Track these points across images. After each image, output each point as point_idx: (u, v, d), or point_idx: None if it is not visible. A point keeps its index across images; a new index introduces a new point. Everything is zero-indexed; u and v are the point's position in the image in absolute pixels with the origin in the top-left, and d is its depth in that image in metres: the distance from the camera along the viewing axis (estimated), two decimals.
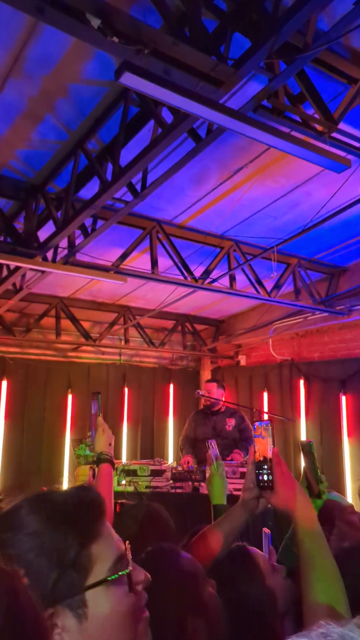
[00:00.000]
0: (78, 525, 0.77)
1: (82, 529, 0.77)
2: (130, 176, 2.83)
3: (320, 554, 1.05)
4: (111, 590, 0.76)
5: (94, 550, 0.76)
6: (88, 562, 0.75)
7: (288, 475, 1.20)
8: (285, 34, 1.88)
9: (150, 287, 5.54)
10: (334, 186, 3.58)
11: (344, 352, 5.85)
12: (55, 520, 0.77)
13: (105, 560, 0.77)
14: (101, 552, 0.77)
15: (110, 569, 0.76)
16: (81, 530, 0.77)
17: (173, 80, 1.97)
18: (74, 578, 0.74)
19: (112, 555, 0.78)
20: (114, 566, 0.77)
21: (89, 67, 2.51)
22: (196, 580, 1.07)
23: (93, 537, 0.77)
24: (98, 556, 0.76)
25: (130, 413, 6.86)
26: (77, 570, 0.74)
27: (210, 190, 3.76)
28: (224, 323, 7.27)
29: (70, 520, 0.78)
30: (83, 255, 4.04)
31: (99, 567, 0.76)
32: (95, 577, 0.75)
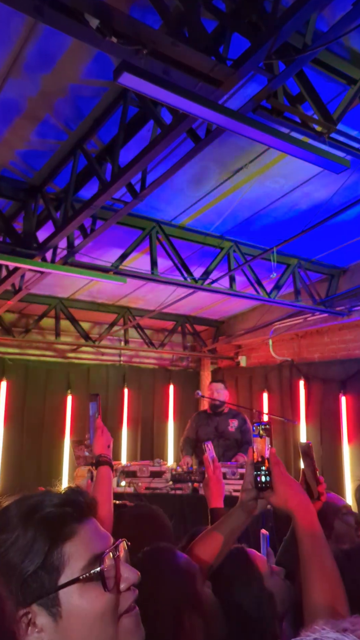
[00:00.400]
0: (51, 525, 0.77)
1: (55, 529, 0.77)
2: (130, 176, 2.83)
3: (320, 554, 1.05)
4: (86, 590, 0.75)
5: (67, 549, 0.76)
6: (59, 561, 0.75)
7: (286, 475, 1.20)
8: (284, 34, 1.87)
9: (150, 287, 5.53)
10: (334, 187, 3.58)
11: (344, 352, 5.85)
12: (29, 520, 0.77)
13: (78, 559, 0.77)
14: (75, 552, 0.77)
15: (84, 568, 0.76)
16: (53, 530, 0.77)
17: (172, 80, 1.97)
18: (44, 577, 0.74)
19: (87, 555, 0.78)
20: (88, 565, 0.77)
21: (88, 67, 2.51)
22: (192, 578, 1.07)
23: (66, 537, 0.77)
24: (71, 555, 0.76)
25: (130, 414, 6.86)
26: (47, 570, 0.75)
27: (210, 190, 3.75)
28: (224, 324, 7.27)
29: (44, 520, 0.78)
30: (82, 256, 4.04)
31: (72, 567, 0.76)
32: (68, 576, 0.75)
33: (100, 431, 1.77)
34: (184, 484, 4.53)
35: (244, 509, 1.29)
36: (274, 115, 2.35)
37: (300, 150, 2.46)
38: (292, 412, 6.18)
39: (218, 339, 7.16)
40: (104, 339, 6.56)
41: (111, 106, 2.81)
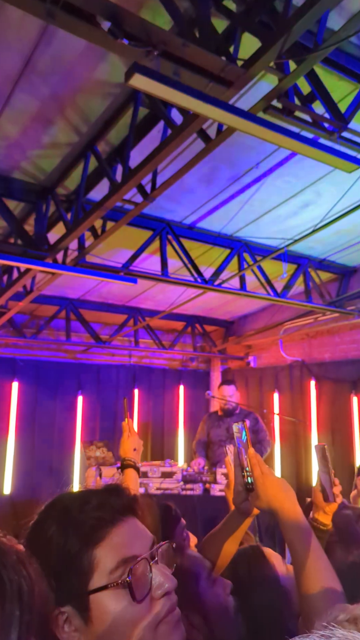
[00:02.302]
0: (83, 528, 0.77)
1: (88, 531, 0.76)
2: (140, 177, 2.84)
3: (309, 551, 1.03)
4: (116, 596, 0.74)
5: (97, 553, 0.75)
6: (89, 565, 0.75)
7: (268, 474, 1.18)
8: (295, 33, 1.87)
9: (160, 288, 5.54)
10: (344, 186, 3.56)
11: (355, 352, 5.81)
12: (64, 520, 0.78)
13: (107, 564, 0.75)
14: (104, 556, 0.75)
15: (112, 574, 0.75)
16: (87, 534, 0.76)
17: (183, 81, 1.97)
18: (75, 580, 0.74)
19: (116, 559, 0.75)
20: (116, 570, 0.75)
21: (99, 69, 2.52)
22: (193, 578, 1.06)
23: (97, 541, 0.76)
24: (100, 560, 0.75)
25: (141, 414, 6.87)
26: (77, 573, 0.74)
27: (220, 191, 3.75)
28: (234, 324, 7.26)
29: (77, 522, 0.77)
30: (93, 257, 4.05)
31: (101, 572, 0.75)
32: (97, 581, 0.74)
33: (126, 434, 1.77)
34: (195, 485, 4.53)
35: (240, 511, 1.29)
36: (285, 115, 2.34)
37: (311, 150, 2.45)
38: (303, 412, 6.16)
39: (228, 339, 7.15)
40: (114, 339, 6.59)
41: (121, 107, 2.82)
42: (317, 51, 2.04)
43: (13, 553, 0.59)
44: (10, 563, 0.57)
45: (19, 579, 0.57)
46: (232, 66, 1.98)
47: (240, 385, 6.95)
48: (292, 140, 2.37)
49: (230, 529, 1.32)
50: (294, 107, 2.37)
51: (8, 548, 0.60)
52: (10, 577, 0.56)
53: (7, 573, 0.56)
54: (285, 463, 6.25)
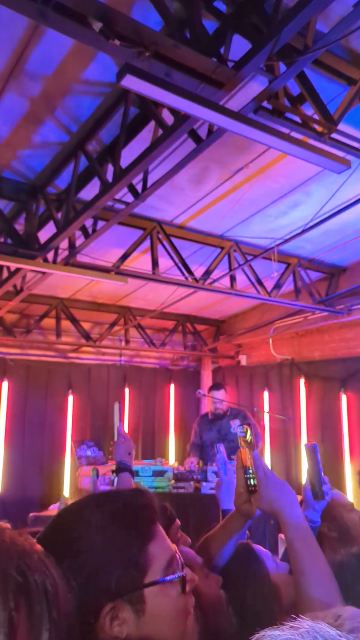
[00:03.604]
0: (139, 525, 0.82)
1: (142, 529, 0.82)
2: (131, 177, 2.84)
3: (309, 552, 1.05)
4: (167, 590, 0.81)
5: (151, 550, 0.81)
6: (146, 560, 0.80)
7: (271, 476, 1.20)
8: (285, 35, 1.88)
9: (151, 287, 5.55)
10: (334, 186, 3.60)
11: (344, 351, 5.86)
12: (120, 518, 0.82)
13: (160, 560, 0.82)
14: (156, 553, 0.82)
15: (165, 569, 0.81)
16: (141, 530, 0.82)
17: (174, 82, 1.98)
18: (134, 575, 0.78)
19: (166, 556, 0.83)
20: (167, 567, 0.82)
21: (89, 68, 2.52)
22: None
23: (150, 538, 0.82)
24: (154, 556, 0.81)
25: (131, 414, 6.87)
26: (137, 568, 0.79)
27: (211, 190, 3.77)
28: (224, 323, 7.29)
29: (133, 519, 0.83)
30: (83, 256, 4.05)
31: (155, 567, 0.81)
32: (151, 576, 0.80)
33: (122, 438, 1.79)
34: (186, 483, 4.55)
35: (240, 512, 1.31)
36: (275, 116, 2.36)
37: (301, 151, 2.47)
38: (293, 410, 6.20)
39: (219, 338, 7.17)
40: (105, 339, 6.58)
41: (112, 107, 2.83)
42: (306, 53, 2.06)
43: (34, 553, 0.60)
44: (33, 564, 0.58)
45: (43, 579, 0.58)
46: (223, 67, 1.99)
47: (230, 383, 6.99)
48: (282, 140, 2.39)
49: (229, 531, 1.33)
50: (284, 109, 2.39)
51: (29, 548, 0.60)
52: (35, 578, 0.57)
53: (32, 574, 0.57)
54: (275, 461, 6.30)
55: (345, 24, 1.93)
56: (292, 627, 0.45)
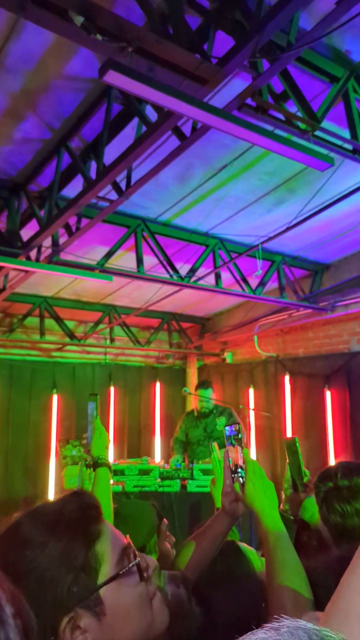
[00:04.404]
0: (80, 529, 0.79)
1: (84, 531, 0.80)
2: (115, 174, 2.82)
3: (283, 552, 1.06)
4: (123, 583, 0.79)
5: (99, 549, 0.79)
6: (95, 562, 0.78)
7: (260, 475, 1.21)
8: (268, 32, 1.88)
9: (136, 285, 5.52)
10: (317, 184, 3.61)
11: (328, 347, 5.92)
12: (58, 528, 0.79)
13: (111, 556, 0.80)
14: (106, 550, 0.80)
15: (117, 564, 0.80)
16: (84, 534, 0.79)
17: (157, 78, 1.96)
18: (85, 580, 0.76)
19: (117, 551, 0.81)
20: (120, 560, 0.80)
21: (71, 64, 2.48)
22: None
23: (96, 537, 0.80)
24: (104, 554, 0.79)
25: (117, 412, 6.84)
26: (87, 572, 0.77)
27: (195, 188, 3.76)
28: (209, 321, 7.29)
29: (72, 525, 0.80)
30: (67, 254, 4.00)
31: (107, 564, 0.79)
32: (104, 574, 0.78)
33: (98, 432, 1.76)
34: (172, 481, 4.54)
35: (227, 512, 1.31)
36: (259, 113, 2.36)
37: (285, 148, 2.48)
38: (278, 406, 6.24)
39: (204, 336, 7.18)
40: (90, 337, 6.53)
41: (95, 103, 2.79)
42: (290, 51, 2.06)
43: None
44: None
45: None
46: (207, 64, 1.98)
47: (216, 381, 7.00)
48: (266, 138, 2.39)
49: (215, 531, 1.32)
50: (268, 106, 2.38)
51: None
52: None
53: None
54: (260, 457, 6.33)
55: (328, 22, 1.94)
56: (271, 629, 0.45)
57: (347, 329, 5.69)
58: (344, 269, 5.36)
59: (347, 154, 2.75)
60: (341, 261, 5.42)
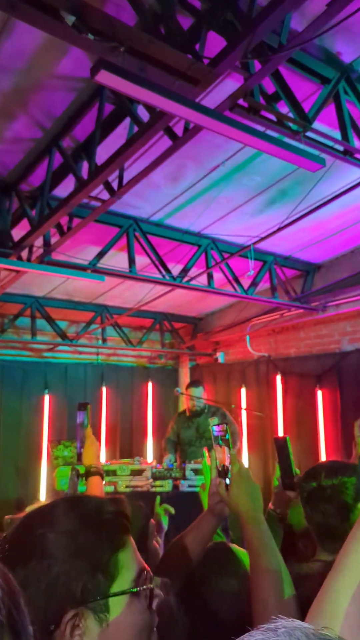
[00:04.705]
0: (111, 532, 0.79)
1: (114, 536, 0.79)
2: (107, 174, 2.81)
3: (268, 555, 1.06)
4: (133, 602, 0.78)
5: (121, 558, 0.78)
6: (115, 569, 0.77)
7: (246, 476, 1.21)
8: (260, 33, 1.89)
9: (128, 285, 5.51)
10: (309, 184, 3.63)
11: (319, 347, 5.95)
12: (91, 523, 0.79)
13: (129, 570, 0.79)
14: (127, 562, 0.79)
15: (133, 581, 0.79)
16: (113, 537, 0.79)
17: (149, 78, 1.96)
18: (101, 582, 0.75)
19: (136, 568, 0.80)
20: (136, 578, 0.79)
21: (63, 63, 2.47)
22: None
23: (121, 546, 0.79)
24: (124, 565, 0.78)
25: (109, 412, 6.83)
26: (105, 575, 0.76)
27: (187, 188, 3.76)
28: (202, 321, 7.30)
29: (104, 526, 0.79)
30: (59, 254, 3.99)
31: (124, 576, 0.78)
32: (119, 585, 0.77)
33: (90, 441, 1.76)
34: (164, 481, 4.54)
35: (213, 513, 1.31)
36: (251, 114, 2.37)
37: (276, 149, 2.49)
38: (269, 406, 6.26)
39: (196, 336, 7.18)
40: (81, 337, 6.51)
41: (87, 103, 2.79)
42: (281, 52, 2.07)
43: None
44: None
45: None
46: (199, 64, 1.98)
47: (208, 381, 7.01)
48: (257, 139, 2.40)
49: (201, 531, 1.32)
50: (260, 106, 2.39)
51: None
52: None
53: None
54: (252, 456, 6.35)
55: (319, 23, 1.95)
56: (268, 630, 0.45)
57: (338, 329, 5.72)
58: (335, 270, 5.39)
59: (338, 154, 2.77)
60: (332, 261, 5.45)
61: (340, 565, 0.59)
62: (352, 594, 0.56)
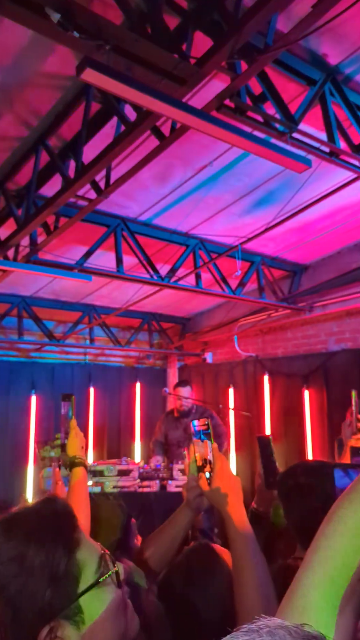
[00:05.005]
0: (60, 537, 0.78)
1: (65, 539, 0.78)
2: (94, 174, 2.80)
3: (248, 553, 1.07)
4: (102, 591, 0.79)
5: (79, 557, 0.78)
6: (76, 570, 0.77)
7: (226, 472, 1.22)
8: (246, 34, 1.89)
9: (116, 285, 5.50)
10: (296, 185, 3.65)
11: (306, 347, 5.99)
12: (37, 537, 0.77)
13: (90, 564, 0.79)
14: (85, 558, 0.79)
15: (96, 571, 0.79)
16: (65, 541, 0.78)
17: (135, 77, 1.96)
18: (67, 589, 0.75)
19: (95, 558, 0.80)
20: (98, 568, 0.80)
21: (49, 61, 2.46)
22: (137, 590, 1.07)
23: (76, 545, 0.79)
24: (84, 562, 0.78)
25: (97, 413, 6.80)
26: (69, 581, 0.76)
27: (175, 188, 3.76)
28: (190, 321, 7.31)
29: (52, 533, 0.78)
30: (46, 254, 3.96)
31: (87, 572, 0.78)
32: (84, 582, 0.77)
33: (74, 432, 1.75)
34: (151, 482, 4.53)
35: (190, 506, 1.32)
36: (237, 114, 2.38)
37: (263, 149, 2.50)
38: (257, 406, 6.29)
39: (184, 336, 7.18)
40: (69, 337, 6.47)
41: (73, 102, 2.77)
42: (267, 52, 2.08)
43: None
44: None
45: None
46: (185, 64, 1.98)
47: (196, 381, 7.02)
48: (244, 139, 2.41)
49: (177, 524, 1.33)
50: (246, 107, 2.40)
51: None
52: None
53: None
54: (240, 456, 6.37)
55: (305, 25, 1.96)
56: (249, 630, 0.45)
57: (325, 329, 5.76)
58: (321, 270, 5.43)
59: (324, 156, 2.79)
60: (319, 262, 5.49)
61: (309, 562, 0.60)
62: (324, 589, 0.56)
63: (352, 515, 0.60)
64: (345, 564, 0.57)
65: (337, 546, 0.59)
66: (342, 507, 0.62)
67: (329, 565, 0.58)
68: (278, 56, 2.37)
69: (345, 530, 0.59)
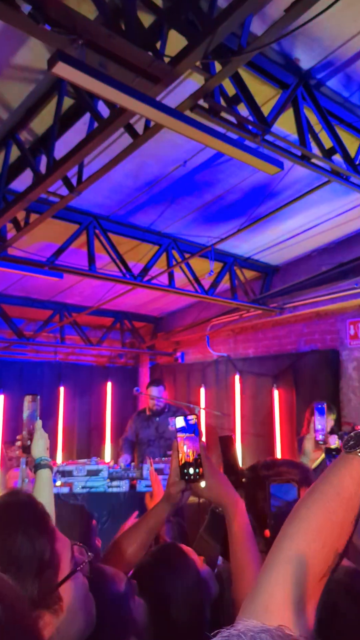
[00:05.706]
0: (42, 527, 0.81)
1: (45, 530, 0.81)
2: (65, 170, 2.76)
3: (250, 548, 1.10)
4: (74, 579, 0.82)
5: (57, 547, 0.81)
6: (57, 559, 0.80)
7: (216, 469, 1.25)
8: (220, 34, 1.90)
9: (88, 283, 5.44)
10: (268, 187, 3.69)
11: (277, 348, 6.06)
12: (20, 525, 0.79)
13: (65, 553, 0.82)
14: (61, 547, 0.82)
15: (71, 561, 0.82)
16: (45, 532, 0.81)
17: (109, 73, 1.93)
18: (50, 578, 0.78)
19: (67, 548, 0.84)
20: (72, 557, 0.83)
21: (20, 53, 2.41)
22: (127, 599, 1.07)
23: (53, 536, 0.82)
24: (61, 552, 0.81)
25: (66, 413, 6.72)
26: (52, 570, 0.79)
27: (148, 186, 3.74)
28: (162, 320, 7.30)
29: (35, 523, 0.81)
30: (15, 250, 3.89)
31: (64, 562, 0.81)
32: (63, 572, 0.80)
33: (39, 433, 1.73)
34: (121, 481, 4.51)
35: (170, 500, 1.34)
36: (211, 115, 2.38)
37: (236, 151, 2.51)
38: (228, 405, 6.33)
39: (157, 336, 7.17)
40: (39, 336, 6.37)
41: (45, 96, 2.72)
42: (241, 54, 2.09)
43: None
44: None
45: None
46: (159, 62, 1.97)
47: (168, 380, 7.02)
48: (217, 140, 2.41)
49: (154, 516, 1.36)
50: (220, 108, 2.41)
51: None
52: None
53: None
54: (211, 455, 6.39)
55: (278, 28, 1.98)
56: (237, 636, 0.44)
57: (295, 330, 5.85)
58: (292, 272, 5.51)
59: (296, 159, 2.82)
60: (290, 264, 5.57)
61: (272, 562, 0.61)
62: (287, 588, 0.57)
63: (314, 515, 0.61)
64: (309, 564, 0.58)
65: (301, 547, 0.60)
66: (306, 507, 0.62)
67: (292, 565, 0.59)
68: (252, 59, 2.39)
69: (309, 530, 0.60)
